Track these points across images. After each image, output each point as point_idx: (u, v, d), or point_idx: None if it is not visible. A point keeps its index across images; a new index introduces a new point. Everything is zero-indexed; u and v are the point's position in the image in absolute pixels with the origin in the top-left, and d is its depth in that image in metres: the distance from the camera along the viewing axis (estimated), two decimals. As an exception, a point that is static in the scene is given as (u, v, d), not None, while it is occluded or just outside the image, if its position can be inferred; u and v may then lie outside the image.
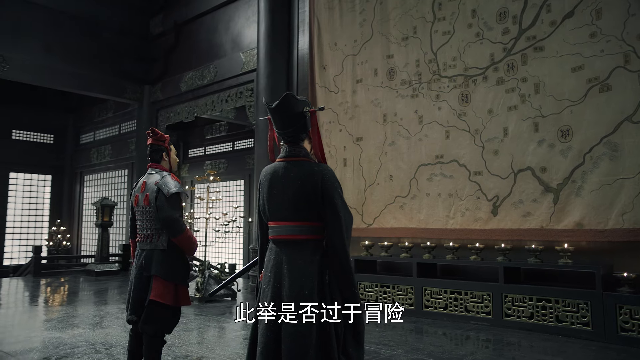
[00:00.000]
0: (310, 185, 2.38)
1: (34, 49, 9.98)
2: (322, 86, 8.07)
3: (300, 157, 2.48)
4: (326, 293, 2.38)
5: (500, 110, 6.02)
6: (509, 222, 5.84)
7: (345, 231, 2.42)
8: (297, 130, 2.50)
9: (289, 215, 2.42)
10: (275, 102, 2.50)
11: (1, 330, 5.10)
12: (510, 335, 5.01)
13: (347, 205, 2.51)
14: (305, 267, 2.37)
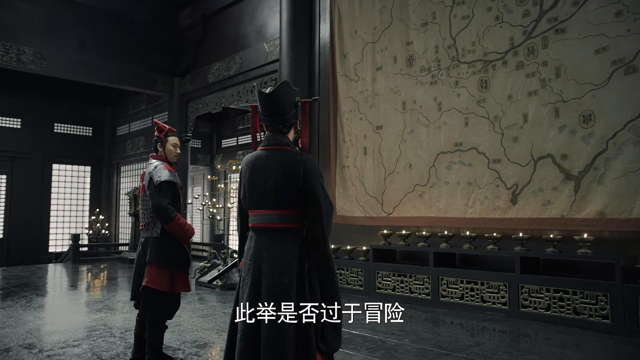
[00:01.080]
0: (292, 174, 2.40)
1: (69, 45, 10.36)
2: (342, 75, 8.04)
3: (282, 145, 2.50)
4: (305, 281, 2.40)
5: (520, 96, 5.84)
6: (528, 211, 5.68)
7: (326, 220, 2.44)
8: (286, 119, 2.52)
9: (269, 204, 2.44)
10: (270, 89, 2.52)
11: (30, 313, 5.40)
12: (525, 326, 4.90)
13: (328, 195, 2.52)
14: (285, 255, 2.39)
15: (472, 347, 4.12)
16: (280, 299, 2.34)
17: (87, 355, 3.77)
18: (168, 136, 3.80)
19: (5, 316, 5.34)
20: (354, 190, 7.66)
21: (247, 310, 2.39)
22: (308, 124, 2.59)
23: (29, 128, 13.41)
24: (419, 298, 6.13)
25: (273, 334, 2.31)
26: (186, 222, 3.61)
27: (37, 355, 3.80)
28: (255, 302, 2.39)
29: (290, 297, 2.35)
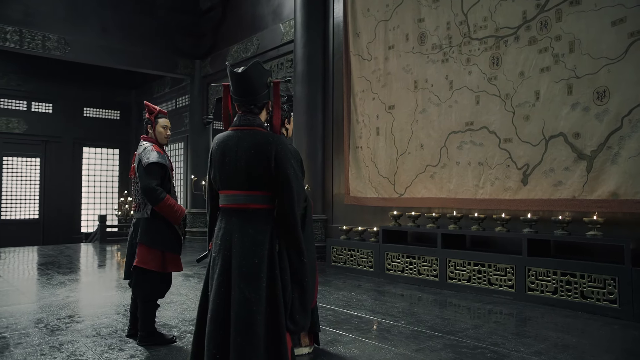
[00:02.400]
0: (263, 155, 2.40)
1: (92, 30, 10.59)
2: (355, 54, 7.93)
3: (254, 126, 2.49)
4: (275, 262, 2.42)
5: (531, 73, 5.62)
6: (539, 192, 5.51)
7: (297, 201, 2.43)
8: (258, 99, 2.51)
9: (240, 185, 2.44)
10: (241, 68, 2.52)
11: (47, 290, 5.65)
12: (530, 310, 4.80)
13: (300, 175, 2.51)
14: (256, 236, 2.40)
15: (467, 329, 4.06)
16: (250, 279, 2.36)
17: (87, 331, 3.93)
18: (158, 118, 3.86)
19: (24, 292, 5.61)
20: (367, 171, 7.61)
21: (218, 291, 2.43)
22: (280, 104, 2.58)
23: (60, 113, 13.86)
24: (427, 280, 6.08)
25: (243, 314, 2.33)
26: (176, 203, 3.68)
27: (42, 329, 3.99)
28: (226, 282, 2.42)
29: (260, 278, 2.36)
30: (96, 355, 3.35)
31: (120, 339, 3.73)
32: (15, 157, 13.16)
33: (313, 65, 8.50)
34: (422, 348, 3.56)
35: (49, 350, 3.46)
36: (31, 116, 13.40)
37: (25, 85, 13.30)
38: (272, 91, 2.54)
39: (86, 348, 3.50)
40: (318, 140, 8.48)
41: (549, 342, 3.73)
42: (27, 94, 13.36)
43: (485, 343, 3.67)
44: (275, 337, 2.36)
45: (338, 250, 7.44)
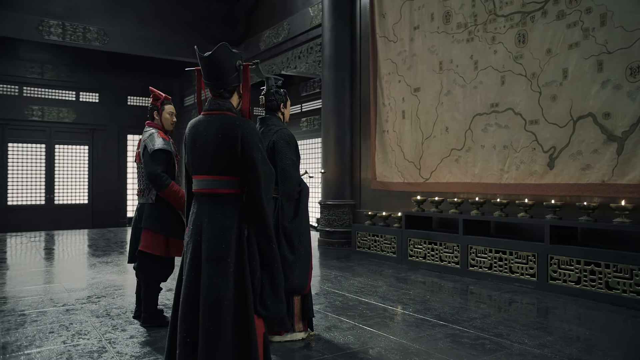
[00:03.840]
0: (229, 140, 2.38)
1: (130, 21, 10.89)
2: (381, 36, 7.74)
3: (223, 110, 2.47)
4: (244, 247, 2.41)
5: (559, 49, 5.29)
6: (566, 176, 5.22)
7: (264, 186, 2.41)
8: (227, 83, 2.48)
9: (209, 169, 2.44)
10: (208, 52, 2.50)
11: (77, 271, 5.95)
12: (550, 300, 4.58)
13: (268, 160, 2.47)
14: (224, 221, 2.40)
15: (475, 319, 3.93)
16: (217, 264, 2.37)
17: (99, 311, 4.10)
18: (164, 104, 3.92)
19: (56, 273, 5.92)
20: (393, 155, 7.47)
21: (189, 275, 2.47)
22: (249, 88, 2.54)
23: (106, 102, 14.41)
24: (448, 267, 5.92)
25: (210, 298, 2.35)
26: (180, 189, 3.73)
27: (59, 308, 4.20)
28: (196, 267, 2.44)
29: (227, 263, 2.37)
30: (99, 334, 3.49)
31: (126, 319, 3.87)
32: (66, 145, 13.83)
33: (340, 49, 8.38)
34: (421, 337, 3.48)
35: (57, 328, 3.64)
36: (79, 106, 14.01)
37: (74, 76, 13.89)
38: (241, 74, 2.51)
39: (92, 327, 3.65)
40: (346, 124, 8.39)
41: (558, 334, 3.55)
42: (75, 85, 13.96)
43: (489, 334, 3.54)
44: (243, 322, 2.36)
45: (362, 235, 7.37)
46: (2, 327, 3.70)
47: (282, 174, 3.25)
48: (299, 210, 3.29)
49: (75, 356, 3.06)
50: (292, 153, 3.30)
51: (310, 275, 3.34)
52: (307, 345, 3.32)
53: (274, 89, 3.53)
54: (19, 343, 3.31)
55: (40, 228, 12.50)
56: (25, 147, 13.41)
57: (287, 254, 3.21)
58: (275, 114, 3.51)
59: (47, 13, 10.02)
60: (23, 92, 13.39)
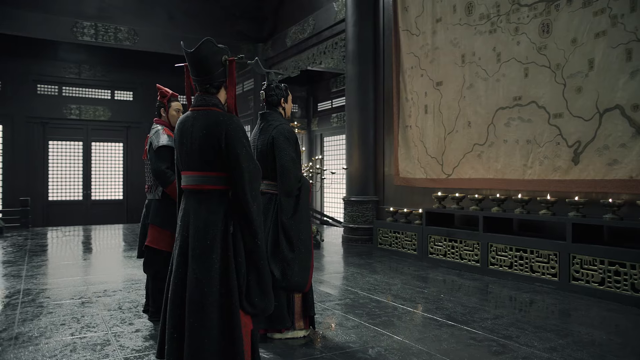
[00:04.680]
0: (214, 136, 2.38)
1: (159, 20, 11.12)
2: (404, 29, 7.60)
3: (209, 106, 2.47)
4: (229, 243, 2.40)
5: (585, 39, 5.04)
6: (591, 172, 4.98)
7: (249, 182, 2.39)
8: (213, 78, 2.48)
9: (196, 166, 2.45)
10: (193, 48, 2.50)
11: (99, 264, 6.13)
12: (571, 301, 4.39)
13: (253, 156, 2.45)
14: (209, 217, 2.40)
15: (486, 320, 3.80)
16: (202, 260, 2.37)
17: (112, 305, 4.20)
18: (171, 101, 3.96)
19: (83, 266, 6.12)
20: (416, 150, 7.33)
21: (176, 271, 2.48)
22: (235, 83, 2.52)
23: (140, 100, 14.77)
24: (469, 265, 5.77)
25: (195, 295, 2.36)
26: None
27: (76, 301, 4.33)
28: (182, 263, 2.46)
29: (212, 259, 2.37)
30: (107, 327, 3.58)
31: (135, 313, 3.95)
32: (101, 143, 14.28)
33: (364, 44, 8.28)
34: (425, 337, 3.39)
35: (69, 320, 3.75)
36: (114, 104, 14.42)
37: (109, 76, 14.31)
38: (227, 69, 2.49)
39: (101, 320, 3.74)
40: (369, 120, 8.29)
41: (572, 337, 3.39)
42: (111, 84, 14.38)
43: (498, 335, 3.42)
44: (228, 319, 2.36)
45: (384, 232, 7.28)
46: (20, 317, 3.84)
47: (281, 170, 3.22)
48: (298, 207, 3.26)
49: (79, 348, 3.14)
50: (292, 149, 3.27)
51: (311, 273, 3.31)
52: (307, 343, 3.30)
53: (275, 84, 3.50)
54: (31, 334, 3.43)
55: (78, 223, 12.96)
56: (64, 145, 13.94)
57: (286, 252, 3.19)
58: (276, 109, 3.48)
59: (80, 15, 10.34)
60: (62, 92, 13.90)
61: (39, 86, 13.62)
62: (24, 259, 6.67)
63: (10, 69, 13.09)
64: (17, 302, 4.35)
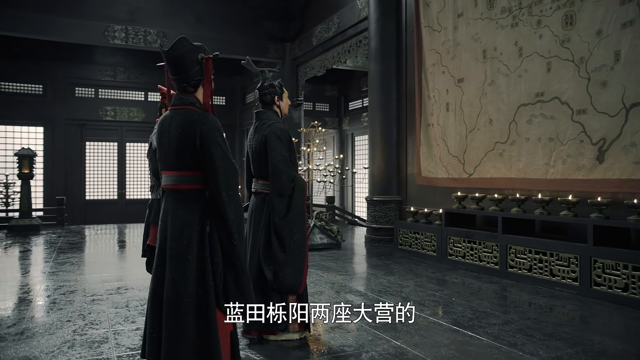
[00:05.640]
0: (189, 135, 2.36)
1: (187, 22, 11.30)
2: (426, 26, 7.42)
3: (186, 105, 2.45)
4: (206, 244, 2.38)
5: (611, 30, 4.76)
6: (617, 171, 4.70)
7: (224, 182, 2.36)
8: (190, 76, 2.46)
9: (173, 165, 2.44)
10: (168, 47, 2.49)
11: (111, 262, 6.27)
12: (591, 308, 4.15)
13: (229, 155, 2.41)
14: (185, 217, 2.39)
15: (494, 325, 3.64)
16: (178, 260, 2.36)
17: (120, 303, 4.27)
18: (172, 102, 3.98)
19: (101, 264, 6.27)
20: (438, 149, 7.14)
21: (155, 271, 2.48)
22: (211, 81, 2.49)
23: (172, 101, 15.08)
24: (487, 267, 5.57)
25: (171, 296, 2.35)
26: None
27: (87, 298, 4.43)
28: (161, 263, 2.45)
29: (188, 260, 2.35)
30: (109, 325, 3.63)
31: (140, 312, 3.99)
32: (135, 143, 14.67)
33: (386, 41, 8.14)
34: (425, 342, 3.28)
35: (75, 317, 3.83)
36: (148, 105, 14.78)
37: (143, 78, 14.67)
38: (203, 67, 2.47)
39: (105, 318, 3.81)
40: (392, 118, 8.15)
41: (582, 346, 3.20)
42: (144, 85, 14.74)
43: (503, 342, 3.26)
44: (204, 320, 2.33)
45: (404, 233, 7.14)
46: (30, 313, 3.96)
47: (272, 170, 3.18)
48: (291, 207, 3.21)
49: (77, 345, 3.20)
50: (284, 148, 3.21)
51: (305, 275, 3.25)
52: (300, 346, 3.24)
53: (268, 82, 3.46)
54: (36, 330, 3.52)
55: (113, 221, 13.34)
56: (100, 146, 14.40)
57: (277, 253, 3.15)
58: (271, 107, 3.44)
59: (111, 19, 10.63)
60: (98, 94, 14.37)
61: (77, 89, 14.13)
62: (51, 256, 6.90)
63: (50, 73, 13.64)
64: (32, 297, 4.49)
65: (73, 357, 2.98)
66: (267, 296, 3.21)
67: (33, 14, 9.90)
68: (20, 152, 10.25)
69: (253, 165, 3.43)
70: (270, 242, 3.17)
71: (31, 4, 9.90)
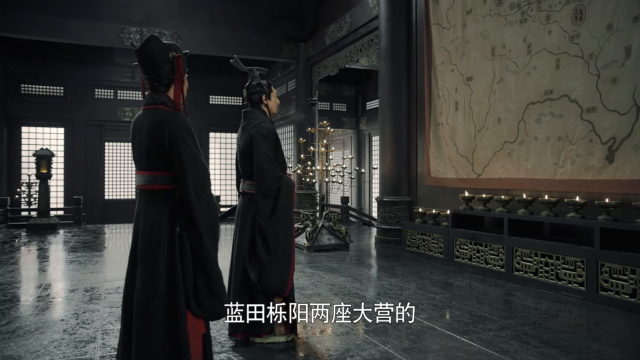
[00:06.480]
0: (157, 135, 2.33)
1: (202, 23, 11.36)
2: (435, 23, 7.28)
3: (157, 104, 2.42)
4: (176, 244, 2.35)
5: (622, 24, 4.57)
6: (627, 171, 4.51)
7: (193, 182, 2.33)
8: (161, 75, 2.43)
9: (144, 165, 2.42)
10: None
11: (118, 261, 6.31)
12: (598, 314, 3.99)
13: (198, 155, 2.38)
14: (156, 217, 2.37)
15: (489, 330, 3.52)
16: (147, 261, 2.34)
17: (116, 302, 4.28)
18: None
19: (107, 263, 6.33)
20: (447, 149, 7.00)
21: (127, 272, 2.47)
22: (181, 80, 2.47)
23: (189, 102, 14.91)
24: (493, 270, 5.42)
25: (140, 296, 2.34)
26: None
27: (85, 297, 4.47)
28: (133, 263, 2.44)
29: (157, 260, 2.33)
30: (100, 324, 3.64)
31: (133, 311, 3.99)
32: (153, 144, 14.90)
33: (396, 39, 8.03)
34: (414, 347, 3.18)
35: (70, 316, 3.86)
36: (166, 106, 14.95)
37: (161, 79, 14.85)
38: (175, 66, 2.43)
39: (98, 317, 3.83)
40: (402, 118, 8.02)
41: (577, 355, 3.06)
42: (162, 87, 14.93)
43: (494, 349, 3.14)
44: (173, 321, 2.30)
45: (412, 234, 7.01)
46: (27, 311, 4.00)
47: (257, 170, 3.13)
48: (276, 208, 3.15)
49: (64, 345, 3.21)
50: (269, 148, 3.17)
51: (291, 277, 3.19)
52: (287, 349, 3.19)
53: (256, 80, 3.42)
54: (28, 328, 3.56)
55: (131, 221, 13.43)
56: (119, 146, 14.62)
57: (262, 254, 3.10)
58: (258, 106, 3.40)
59: (127, 21, 10.77)
60: (117, 95, 14.60)
61: (96, 90, 14.38)
62: (61, 255, 7.02)
63: (71, 75, 13.93)
64: (32, 296, 4.55)
65: (56, 357, 2.99)
66: (252, 298, 3.16)
67: (51, 18, 10.11)
68: (39, 153, 10.47)
69: (240, 166, 3.40)
70: (255, 243, 3.13)
71: (49, 8, 10.11)
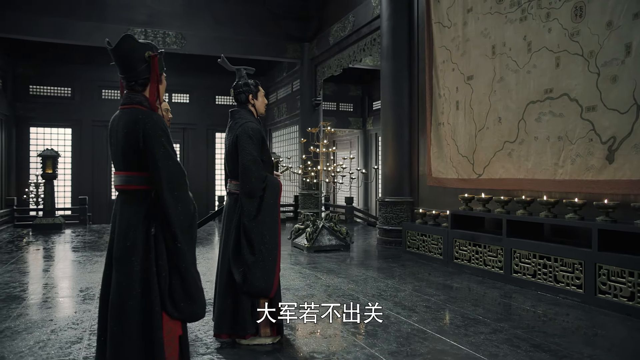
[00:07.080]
0: (132, 135, 2.31)
1: (205, 23, 11.38)
2: (436, 22, 7.21)
3: (133, 104, 2.40)
4: (151, 245, 2.33)
5: (622, 21, 4.47)
6: (627, 172, 4.41)
7: (168, 182, 2.30)
8: (137, 75, 2.41)
9: (121, 165, 2.40)
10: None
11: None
12: (595, 317, 3.90)
13: (173, 155, 2.35)
14: (131, 218, 2.34)
15: (480, 334, 3.45)
16: (123, 262, 2.33)
17: (108, 302, 4.28)
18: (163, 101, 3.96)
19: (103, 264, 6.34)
20: (448, 149, 6.92)
21: (104, 274, 2.45)
22: (156, 79, 2.44)
23: (195, 102, 15.26)
24: (492, 272, 5.34)
25: (115, 298, 2.32)
26: None
27: (80, 297, 4.48)
28: (108, 265, 2.42)
29: (132, 262, 2.31)
30: (89, 325, 3.64)
31: (123, 311, 3.98)
32: (160, 144, 14.95)
33: (398, 39, 7.96)
34: (401, 351, 3.13)
35: (60, 316, 3.86)
36: (172, 107, 14.81)
37: (167, 79, 14.54)
38: (150, 65, 2.41)
39: (88, 317, 3.82)
40: (404, 118, 7.96)
41: (570, 358, 2.98)
42: (169, 87, 14.93)
43: (484, 353, 3.08)
44: (148, 323, 2.28)
45: (412, 235, 6.94)
46: (18, 311, 4.01)
47: (242, 170, 3.11)
48: (261, 208, 3.12)
49: (49, 345, 3.21)
50: (254, 148, 3.14)
51: (276, 278, 3.16)
52: (271, 351, 3.15)
53: (243, 80, 3.39)
54: (17, 328, 3.56)
55: (137, 220, 13.57)
56: (126, 146, 14.68)
57: (246, 255, 3.07)
58: (245, 106, 3.38)
59: (132, 22, 10.82)
60: (125, 96, 14.66)
61: (103, 91, 14.48)
62: (63, 254, 7.05)
63: (79, 76, 14.05)
64: (27, 296, 4.57)
65: (40, 358, 2.98)
66: (238, 299, 3.13)
67: (57, 19, 10.19)
68: (44, 153, 10.55)
69: (227, 166, 3.38)
70: (240, 244, 3.10)
71: (55, 10, 10.19)
